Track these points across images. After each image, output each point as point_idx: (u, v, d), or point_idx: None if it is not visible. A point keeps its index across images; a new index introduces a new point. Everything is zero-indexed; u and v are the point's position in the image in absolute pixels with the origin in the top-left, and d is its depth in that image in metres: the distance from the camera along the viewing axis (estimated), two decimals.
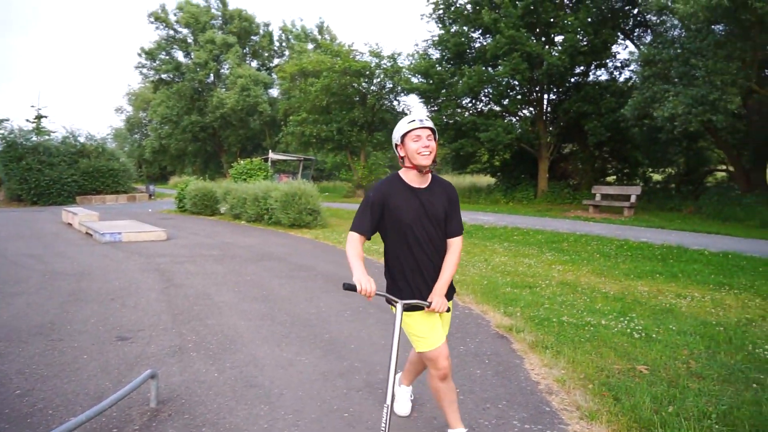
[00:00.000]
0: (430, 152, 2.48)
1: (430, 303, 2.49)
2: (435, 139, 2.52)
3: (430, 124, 2.51)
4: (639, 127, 14.92)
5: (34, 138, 24.86)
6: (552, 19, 17.81)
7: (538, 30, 18.46)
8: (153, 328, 4.85)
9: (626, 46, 30.26)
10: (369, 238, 2.57)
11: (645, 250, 9.01)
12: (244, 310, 5.49)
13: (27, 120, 26.21)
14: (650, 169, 20.64)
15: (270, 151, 29.81)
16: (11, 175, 22.95)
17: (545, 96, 20.27)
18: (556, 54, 17.05)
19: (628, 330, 4.60)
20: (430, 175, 2.62)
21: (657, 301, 5.70)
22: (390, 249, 2.65)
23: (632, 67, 17.20)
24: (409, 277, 2.61)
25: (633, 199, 15.20)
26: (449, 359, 2.63)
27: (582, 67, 18.87)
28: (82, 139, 26.47)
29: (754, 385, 3.44)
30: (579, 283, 6.66)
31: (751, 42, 11.57)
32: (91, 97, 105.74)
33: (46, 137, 25.76)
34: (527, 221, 13.64)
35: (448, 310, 2.58)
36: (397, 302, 2.46)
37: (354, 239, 2.55)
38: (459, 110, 20.42)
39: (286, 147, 31.20)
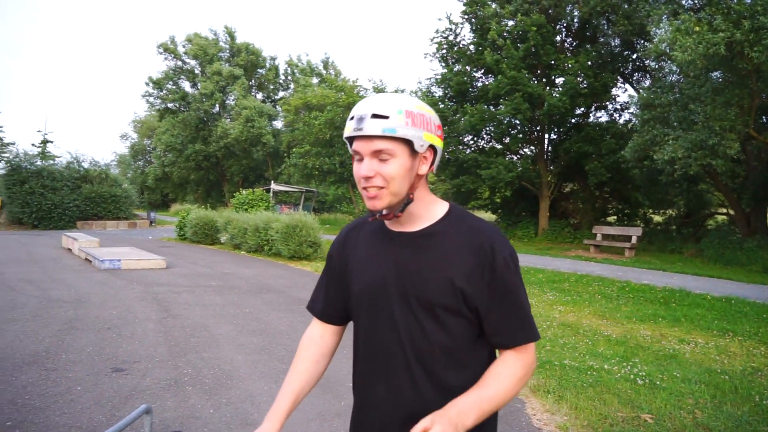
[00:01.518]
0: (380, 188, 1.21)
1: None
2: (415, 153, 1.24)
3: (375, 128, 1.17)
4: (639, 169, 15.06)
5: (39, 162, 25.15)
6: (553, 62, 18.24)
7: (539, 71, 18.87)
8: (149, 360, 4.78)
9: (626, 90, 31.04)
10: (332, 323, 1.45)
11: (647, 292, 8.95)
12: (241, 344, 5.41)
13: (33, 144, 26.60)
14: (651, 210, 20.70)
15: (272, 181, 30.03)
16: (14, 198, 23.07)
17: (546, 135, 20.54)
18: (557, 95, 17.36)
19: (632, 376, 4.53)
20: (437, 206, 1.32)
21: (660, 346, 5.63)
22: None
23: (632, 110, 17.55)
24: (364, 398, 1.36)
25: (634, 240, 15.20)
26: None
27: (582, 109, 19.20)
28: (86, 165, 26.82)
29: None
30: (581, 324, 6.60)
31: (748, 89, 11.80)
32: (97, 124, 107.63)
33: (51, 162, 26.07)
34: (528, 259, 13.60)
35: None
36: None
37: (309, 329, 1.49)
38: (461, 147, 20.65)
39: (288, 178, 31.42)
